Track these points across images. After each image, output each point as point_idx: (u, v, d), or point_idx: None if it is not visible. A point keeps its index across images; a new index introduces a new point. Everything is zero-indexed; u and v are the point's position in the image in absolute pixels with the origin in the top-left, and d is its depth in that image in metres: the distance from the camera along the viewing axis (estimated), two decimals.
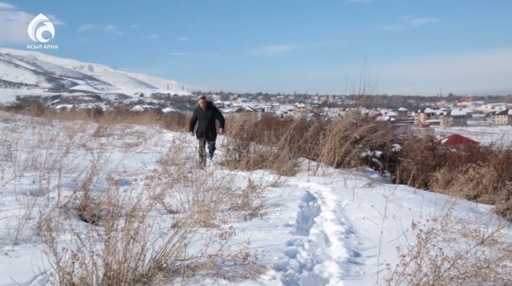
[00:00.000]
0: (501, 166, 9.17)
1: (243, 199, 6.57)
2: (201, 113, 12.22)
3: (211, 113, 12.25)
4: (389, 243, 4.71)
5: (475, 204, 7.45)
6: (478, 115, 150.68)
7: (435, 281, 3.43)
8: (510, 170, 9.06)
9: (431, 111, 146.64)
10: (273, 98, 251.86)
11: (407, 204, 6.82)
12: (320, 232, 5.72)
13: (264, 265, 4.18)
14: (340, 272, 4.33)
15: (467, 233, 4.97)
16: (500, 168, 9.04)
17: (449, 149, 13.09)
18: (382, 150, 11.84)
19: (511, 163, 9.55)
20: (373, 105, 15.45)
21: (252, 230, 5.52)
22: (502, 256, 3.81)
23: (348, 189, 8.11)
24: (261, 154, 11.16)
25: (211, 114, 12.25)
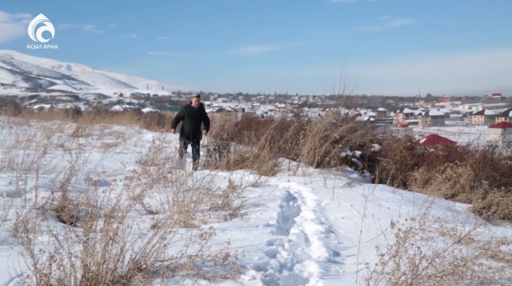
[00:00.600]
0: (477, 165, 9.31)
1: (223, 199, 6.56)
2: (191, 112, 11.67)
3: (200, 114, 11.81)
4: (368, 242, 4.74)
5: (453, 203, 7.56)
6: (456, 115, 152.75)
7: (413, 280, 3.47)
8: (487, 169, 9.21)
9: (409, 112, 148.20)
10: (254, 98, 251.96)
11: (386, 203, 6.88)
12: (300, 232, 5.74)
13: (245, 265, 4.18)
14: (320, 271, 4.35)
15: (445, 231, 5.04)
16: (477, 167, 9.18)
17: (427, 148, 13.26)
18: (362, 149, 11.93)
19: (487, 163, 9.71)
20: (352, 105, 15.57)
21: (233, 230, 5.52)
22: (479, 254, 3.88)
23: (328, 188, 8.15)
24: (242, 154, 11.16)
25: (201, 115, 11.81)
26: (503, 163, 10.63)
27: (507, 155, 11.66)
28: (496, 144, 12.13)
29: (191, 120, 11.53)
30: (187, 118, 11.58)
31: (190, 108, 11.74)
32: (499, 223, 6.72)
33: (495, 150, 11.54)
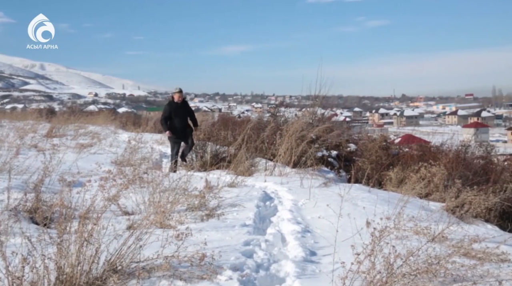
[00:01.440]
0: (451, 164, 9.45)
1: (200, 199, 6.54)
2: (176, 109, 10.90)
3: (186, 109, 11.17)
4: (344, 242, 4.78)
5: (427, 202, 7.66)
6: (430, 115, 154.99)
7: (388, 278, 3.51)
8: (460, 168, 9.35)
9: (385, 112, 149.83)
10: (230, 98, 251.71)
11: (361, 203, 6.94)
12: (277, 232, 5.75)
13: (221, 266, 4.17)
14: (297, 271, 4.37)
15: (419, 230, 5.11)
16: (450, 166, 9.32)
17: (402, 148, 13.40)
18: (338, 149, 12.01)
19: (460, 162, 9.86)
20: (328, 105, 15.63)
21: (209, 230, 5.50)
22: (452, 253, 3.94)
23: (304, 188, 8.19)
24: (218, 154, 11.15)
25: (186, 111, 11.13)
26: (476, 162, 10.80)
27: (479, 155, 11.85)
28: (468, 144, 12.31)
29: (179, 118, 10.87)
30: (174, 117, 10.86)
31: (174, 105, 10.98)
32: (471, 222, 6.85)
33: (468, 149, 11.71)
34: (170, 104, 10.99)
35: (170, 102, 11.14)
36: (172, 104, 10.96)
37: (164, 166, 11.18)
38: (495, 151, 14.37)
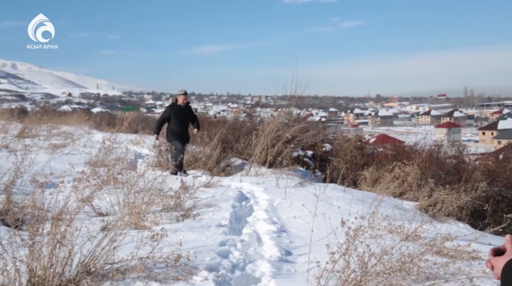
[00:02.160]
0: (424, 164, 9.59)
1: (175, 200, 6.50)
2: (178, 112, 10.39)
3: (188, 113, 10.61)
4: (319, 241, 4.81)
5: (401, 201, 7.75)
6: (404, 115, 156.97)
7: (362, 277, 3.54)
8: (433, 168, 9.50)
9: (360, 112, 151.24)
10: (206, 98, 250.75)
11: (337, 202, 6.99)
12: (252, 232, 5.76)
13: (197, 266, 4.16)
14: (272, 271, 4.38)
15: (393, 229, 5.17)
16: (424, 166, 9.45)
17: (377, 148, 13.56)
18: (313, 149, 12.08)
19: (433, 162, 10.01)
20: (304, 105, 15.74)
21: (185, 231, 5.48)
22: (424, 251, 4.00)
23: (280, 188, 8.21)
24: (194, 154, 11.11)
25: (188, 115, 10.58)
26: (448, 162, 10.97)
27: (451, 154, 12.05)
28: (441, 143, 12.51)
29: (180, 122, 10.34)
30: (175, 120, 10.32)
31: (176, 107, 10.46)
32: (444, 220, 6.95)
33: (441, 149, 11.89)
34: (173, 107, 10.55)
35: (173, 104, 10.70)
36: (175, 106, 10.50)
37: (139, 166, 11.07)
38: (467, 151, 14.64)
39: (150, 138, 15.08)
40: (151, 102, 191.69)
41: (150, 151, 13.09)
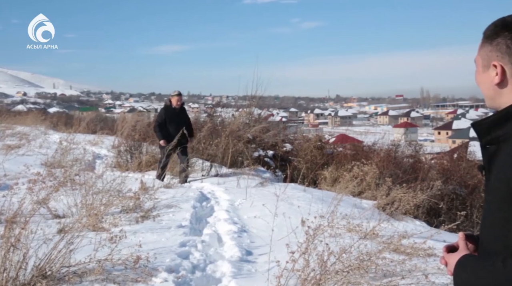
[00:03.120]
0: (382, 163, 9.78)
1: (135, 201, 6.43)
2: (173, 115, 9.54)
3: (184, 116, 9.79)
4: (279, 241, 4.84)
5: (360, 200, 7.90)
6: (363, 115, 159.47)
7: (322, 276, 3.58)
8: (390, 167, 9.70)
9: (320, 112, 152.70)
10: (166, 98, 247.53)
11: (297, 202, 7.05)
12: (213, 232, 5.75)
13: (156, 268, 4.12)
14: (233, 271, 4.39)
15: (352, 228, 5.25)
16: (382, 165, 9.64)
17: (336, 148, 13.73)
18: (274, 149, 12.14)
19: (391, 161, 10.23)
20: (265, 105, 15.85)
21: (144, 232, 5.43)
22: (382, 249, 4.08)
23: (241, 188, 8.22)
24: (154, 154, 11.00)
25: (184, 118, 9.73)
26: (405, 161, 11.24)
27: (408, 154, 12.34)
28: (399, 143, 12.81)
29: (175, 125, 9.32)
30: (170, 123, 9.42)
31: (171, 110, 9.62)
32: (401, 218, 7.10)
33: (398, 148, 12.18)
34: (167, 109, 9.68)
35: (166, 107, 9.80)
36: (169, 109, 9.65)
37: (97, 167, 10.88)
38: (423, 150, 15.04)
39: (109, 139, 14.85)
40: (110, 102, 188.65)
41: (109, 152, 12.90)
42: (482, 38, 1.56)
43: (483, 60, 1.55)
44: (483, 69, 1.56)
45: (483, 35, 1.55)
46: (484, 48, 1.54)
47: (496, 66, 1.50)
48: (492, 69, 1.52)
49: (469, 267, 1.46)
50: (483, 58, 1.55)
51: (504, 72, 1.49)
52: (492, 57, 1.51)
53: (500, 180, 1.42)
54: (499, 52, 1.50)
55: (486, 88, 1.56)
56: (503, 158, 1.44)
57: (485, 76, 1.55)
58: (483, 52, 1.55)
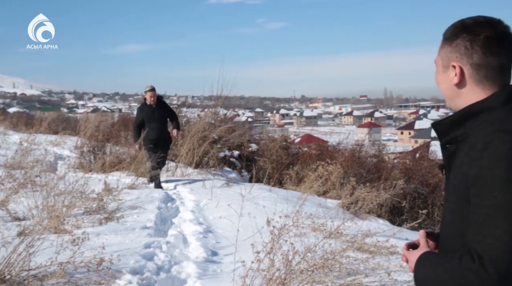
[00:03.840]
0: (346, 163, 9.90)
1: (98, 202, 6.33)
2: (150, 113, 8.81)
3: (164, 113, 8.99)
4: (245, 241, 4.84)
5: (324, 200, 7.96)
6: (328, 116, 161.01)
7: (287, 275, 3.60)
8: (354, 167, 9.83)
9: (285, 112, 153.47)
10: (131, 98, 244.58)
11: (262, 202, 7.07)
12: (178, 233, 5.71)
13: (120, 270, 4.07)
14: (198, 272, 4.37)
15: (316, 227, 5.30)
16: (346, 165, 9.76)
17: (302, 148, 13.83)
18: (240, 149, 12.13)
19: (355, 161, 10.37)
20: (231, 106, 15.80)
21: (108, 234, 5.35)
22: (346, 247, 4.13)
23: (206, 189, 8.20)
24: (118, 155, 10.85)
25: (164, 114, 9.01)
26: (369, 161, 11.40)
27: (372, 153, 12.53)
28: (363, 143, 12.97)
29: (155, 123, 8.77)
30: (149, 123, 8.77)
31: (147, 108, 8.86)
32: (364, 217, 7.21)
33: (362, 148, 12.34)
34: (142, 108, 9.00)
35: (141, 105, 9.14)
36: (144, 107, 8.92)
37: (59, 168, 10.65)
38: (386, 150, 15.30)
39: (71, 140, 14.56)
40: (72, 102, 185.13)
41: (72, 152, 12.65)
42: (442, 39, 1.60)
43: (443, 61, 1.59)
44: (443, 70, 1.59)
45: (443, 36, 1.59)
46: (444, 49, 1.58)
47: (455, 67, 1.54)
48: (451, 69, 1.55)
49: (428, 263, 1.48)
50: (443, 59, 1.58)
51: (462, 73, 1.53)
52: (452, 58, 1.55)
53: (459, 178, 1.46)
54: (458, 53, 1.53)
55: (446, 88, 1.60)
56: (461, 157, 1.48)
57: (445, 77, 1.59)
58: (443, 53, 1.58)
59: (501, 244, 1.30)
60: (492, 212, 1.33)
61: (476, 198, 1.38)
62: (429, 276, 1.45)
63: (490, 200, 1.34)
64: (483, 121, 1.47)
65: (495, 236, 1.31)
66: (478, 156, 1.39)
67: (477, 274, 1.30)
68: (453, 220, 1.50)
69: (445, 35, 1.59)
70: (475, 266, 1.31)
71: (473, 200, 1.38)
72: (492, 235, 1.32)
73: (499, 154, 1.36)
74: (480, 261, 1.31)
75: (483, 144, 1.39)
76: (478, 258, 1.31)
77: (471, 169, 1.40)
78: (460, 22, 1.56)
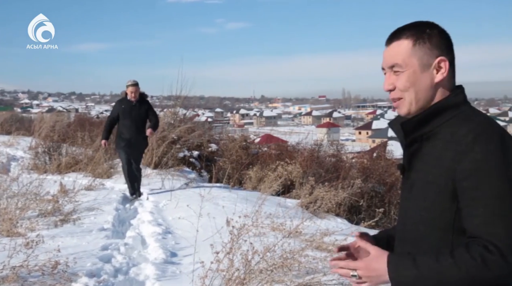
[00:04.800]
0: (306, 162, 10.00)
1: (54, 204, 6.20)
2: (127, 109, 7.87)
3: (144, 111, 7.99)
4: (204, 241, 4.82)
5: (284, 199, 8.01)
6: (287, 116, 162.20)
7: (246, 275, 3.61)
8: (313, 166, 9.93)
9: (245, 112, 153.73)
10: (88, 98, 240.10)
11: (222, 202, 7.06)
12: (136, 234, 5.65)
13: (76, 273, 3.99)
14: (157, 273, 4.33)
15: (276, 227, 5.33)
16: (305, 164, 9.85)
17: (262, 148, 13.87)
18: (199, 149, 12.07)
19: (314, 160, 10.48)
20: (190, 106, 15.64)
21: (64, 236, 5.24)
22: (305, 246, 4.17)
23: (165, 189, 8.13)
24: (75, 156, 10.64)
25: (144, 114, 7.99)
26: (328, 160, 11.53)
27: (331, 153, 12.68)
28: (321, 143, 13.12)
29: (131, 121, 7.84)
30: (124, 119, 7.87)
31: (126, 103, 7.92)
32: (323, 216, 7.30)
33: (321, 148, 12.48)
34: (121, 102, 8.04)
35: (120, 99, 8.21)
36: (123, 102, 7.97)
37: (12, 169, 10.34)
38: (344, 150, 15.51)
39: (25, 140, 14.18)
40: (26, 101, 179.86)
41: (26, 153, 12.32)
42: (410, 40, 1.54)
43: (421, 60, 1.53)
44: (422, 70, 1.53)
45: (414, 36, 1.54)
46: (419, 48, 1.53)
47: (444, 62, 1.52)
48: (433, 67, 1.53)
49: (415, 262, 1.41)
50: (421, 58, 1.53)
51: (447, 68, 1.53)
52: (433, 55, 1.52)
53: (437, 174, 1.46)
54: (440, 49, 1.53)
55: (424, 89, 1.54)
56: (434, 153, 1.48)
57: (425, 76, 1.54)
58: (419, 52, 1.53)
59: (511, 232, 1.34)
60: (499, 203, 1.36)
61: (474, 191, 1.39)
62: (425, 275, 1.39)
63: (493, 191, 1.37)
64: (451, 117, 1.50)
65: (506, 225, 1.35)
66: (469, 149, 1.39)
67: (499, 264, 1.33)
68: (428, 216, 1.48)
69: (415, 35, 1.54)
70: (495, 257, 1.33)
71: (471, 193, 1.39)
72: (505, 225, 1.35)
73: (491, 146, 1.39)
74: (499, 252, 1.33)
75: (473, 137, 1.40)
76: (496, 249, 1.33)
77: (461, 162, 1.40)
78: (420, 22, 1.57)
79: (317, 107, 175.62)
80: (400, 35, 1.56)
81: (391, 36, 1.59)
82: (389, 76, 1.58)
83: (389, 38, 1.59)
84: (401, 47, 1.54)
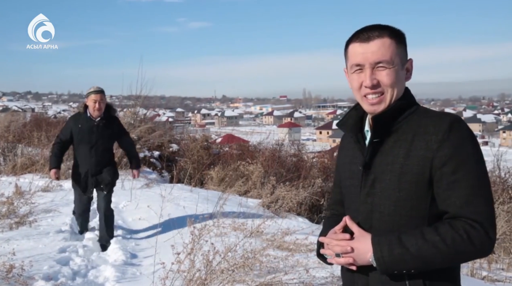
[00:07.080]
0: (267, 162, 10.03)
1: (8, 206, 6.03)
2: (87, 129, 5.48)
3: (111, 133, 5.64)
4: (165, 242, 4.79)
5: (245, 199, 8.03)
6: (249, 116, 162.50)
7: (207, 275, 3.59)
8: (275, 166, 9.98)
9: (207, 112, 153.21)
10: (45, 97, 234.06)
11: (183, 202, 7.02)
12: (96, 236, 5.55)
13: (32, 276, 3.90)
14: (116, 275, 4.27)
15: (237, 226, 5.33)
16: (267, 164, 9.89)
17: (223, 148, 13.84)
18: (160, 150, 11.97)
19: (275, 160, 10.53)
20: (151, 105, 15.49)
21: (19, 239, 5.11)
22: (266, 246, 4.19)
23: (125, 190, 8.02)
24: (31, 156, 10.35)
25: (110, 136, 5.66)
26: (289, 160, 11.60)
27: (292, 153, 12.76)
28: (283, 143, 13.18)
29: (90, 147, 5.47)
30: (80, 144, 5.52)
31: (84, 121, 5.51)
32: (284, 216, 7.34)
33: (282, 148, 12.54)
34: (76, 120, 5.60)
35: (75, 115, 5.86)
36: (80, 119, 5.55)
37: None
38: (305, 149, 15.63)
39: None
40: None
41: None
42: (393, 39, 1.60)
43: (401, 59, 1.62)
44: (401, 68, 1.62)
45: (396, 37, 1.61)
46: (397, 47, 1.60)
47: (411, 62, 1.66)
48: (405, 67, 1.65)
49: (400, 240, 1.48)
50: (402, 58, 1.62)
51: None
52: (406, 56, 1.65)
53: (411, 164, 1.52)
54: (406, 51, 1.65)
55: (402, 87, 1.64)
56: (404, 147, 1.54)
57: (403, 75, 1.64)
58: (400, 52, 1.61)
59: (490, 209, 1.48)
60: (478, 184, 1.48)
61: (454, 175, 1.48)
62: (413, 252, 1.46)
63: (472, 174, 1.48)
64: (410, 113, 1.60)
65: (485, 204, 1.48)
66: (445, 137, 1.49)
67: (482, 239, 1.44)
68: (405, 206, 1.54)
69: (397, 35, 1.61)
70: (479, 233, 1.44)
71: (451, 177, 1.48)
72: (485, 203, 1.48)
73: (465, 134, 1.51)
74: (483, 228, 1.44)
75: (448, 126, 1.50)
76: (480, 226, 1.44)
77: (439, 150, 1.49)
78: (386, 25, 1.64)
79: (279, 107, 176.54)
80: (382, 34, 1.60)
81: (370, 33, 1.61)
82: (372, 72, 1.60)
83: (366, 36, 1.61)
84: (386, 45, 1.59)
